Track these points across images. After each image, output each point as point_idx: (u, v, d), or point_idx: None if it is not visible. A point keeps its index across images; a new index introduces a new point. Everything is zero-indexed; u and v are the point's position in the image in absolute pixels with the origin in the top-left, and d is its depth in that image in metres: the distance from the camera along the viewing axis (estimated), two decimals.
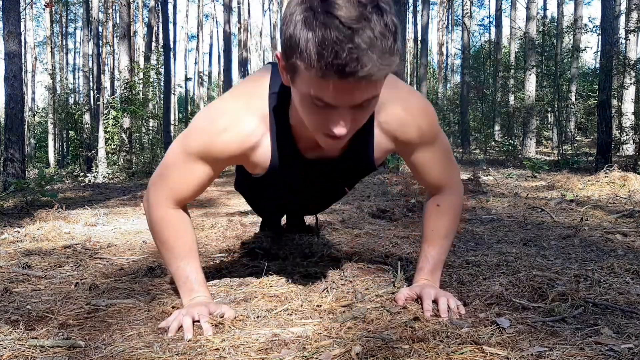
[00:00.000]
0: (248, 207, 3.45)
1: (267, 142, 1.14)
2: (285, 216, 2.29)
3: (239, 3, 25.36)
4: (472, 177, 4.69)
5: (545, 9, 23.19)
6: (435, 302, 1.16)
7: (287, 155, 1.15)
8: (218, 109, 1.14)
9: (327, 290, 1.34)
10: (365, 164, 1.21)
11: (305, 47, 0.81)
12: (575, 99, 15.79)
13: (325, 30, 0.80)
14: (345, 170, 1.27)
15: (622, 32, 11.63)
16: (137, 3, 23.04)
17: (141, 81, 12.26)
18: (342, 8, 0.80)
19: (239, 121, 1.11)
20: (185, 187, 1.19)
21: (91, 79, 17.03)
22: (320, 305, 1.23)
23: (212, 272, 1.61)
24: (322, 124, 0.93)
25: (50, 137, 21.56)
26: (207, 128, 1.12)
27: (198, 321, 1.09)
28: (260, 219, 2.38)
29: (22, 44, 8.35)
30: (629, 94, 12.38)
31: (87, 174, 9.88)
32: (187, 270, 1.22)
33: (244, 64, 20.29)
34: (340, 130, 0.92)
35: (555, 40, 13.67)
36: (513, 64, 16.22)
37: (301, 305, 1.23)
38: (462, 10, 22.58)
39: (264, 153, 1.15)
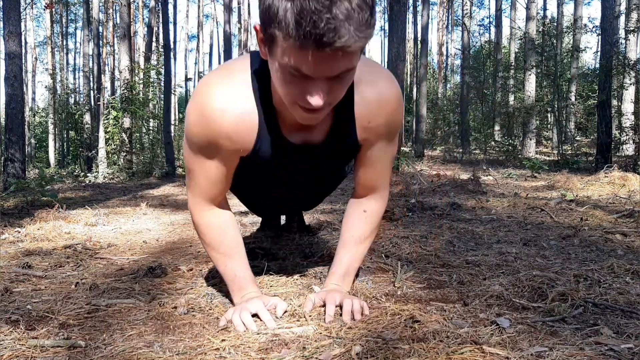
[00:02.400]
0: None
1: (255, 119, 1.11)
2: (284, 214, 2.27)
3: (239, 3, 25.38)
4: (472, 177, 4.69)
5: (545, 9, 23.19)
6: (340, 306, 1.16)
7: (270, 136, 1.13)
8: (205, 94, 1.09)
9: None
10: (351, 145, 1.18)
11: (284, 17, 0.82)
12: (575, 99, 15.77)
13: (303, 1, 0.80)
14: (331, 155, 1.24)
15: (622, 32, 11.62)
16: (137, 3, 23.03)
17: (141, 81, 12.24)
18: None
19: (229, 102, 1.08)
20: (211, 185, 1.21)
21: (91, 79, 17.03)
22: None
23: (212, 272, 1.61)
24: (298, 95, 0.93)
25: (51, 137, 21.58)
26: (199, 120, 1.10)
27: (255, 315, 1.12)
28: (260, 219, 2.38)
29: (23, 44, 8.35)
30: (629, 94, 12.37)
31: (88, 174, 9.88)
32: (234, 268, 1.25)
33: None
34: (316, 101, 0.91)
35: (555, 41, 13.64)
36: (513, 64, 16.19)
37: (301, 305, 1.23)
38: (462, 10, 22.55)
39: (252, 132, 1.12)
